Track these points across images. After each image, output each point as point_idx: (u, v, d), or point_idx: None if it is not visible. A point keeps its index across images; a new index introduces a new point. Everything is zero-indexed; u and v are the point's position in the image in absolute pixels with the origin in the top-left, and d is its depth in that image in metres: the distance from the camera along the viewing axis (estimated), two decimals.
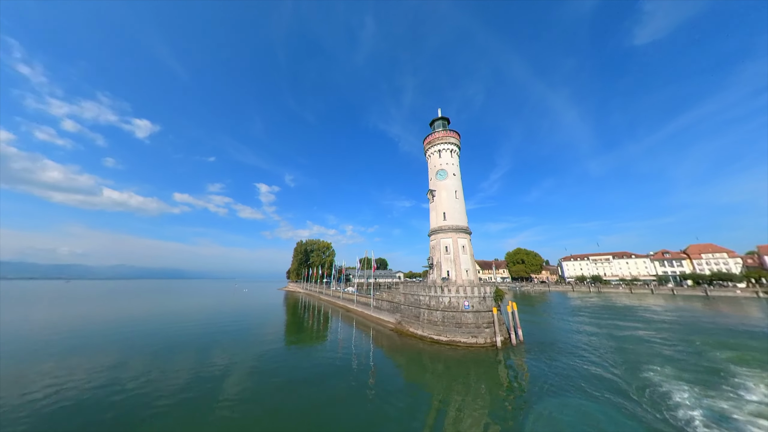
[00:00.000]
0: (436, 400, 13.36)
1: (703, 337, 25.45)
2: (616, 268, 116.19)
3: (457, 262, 26.06)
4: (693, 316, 39.78)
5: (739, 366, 17.67)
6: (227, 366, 18.06)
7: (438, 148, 31.23)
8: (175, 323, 33.78)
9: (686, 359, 19.18)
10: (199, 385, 14.93)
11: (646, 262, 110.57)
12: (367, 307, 38.23)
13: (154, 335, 26.64)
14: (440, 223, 28.40)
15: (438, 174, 30.30)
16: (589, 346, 22.47)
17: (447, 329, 22.60)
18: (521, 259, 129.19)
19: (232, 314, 42.39)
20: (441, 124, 32.83)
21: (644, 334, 26.56)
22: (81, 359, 19.25)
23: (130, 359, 19.27)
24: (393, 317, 30.30)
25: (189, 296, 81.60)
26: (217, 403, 12.95)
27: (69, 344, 23.08)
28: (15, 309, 46.81)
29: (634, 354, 20.24)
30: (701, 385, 14.65)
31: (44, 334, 27.08)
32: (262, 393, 14.05)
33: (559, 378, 15.69)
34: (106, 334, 27.26)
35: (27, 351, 21.03)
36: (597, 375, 16.17)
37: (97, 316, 39.73)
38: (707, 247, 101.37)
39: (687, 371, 16.83)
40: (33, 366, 17.76)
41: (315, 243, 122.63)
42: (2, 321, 33.97)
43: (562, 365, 17.80)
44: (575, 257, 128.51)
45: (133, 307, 51.66)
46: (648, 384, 14.81)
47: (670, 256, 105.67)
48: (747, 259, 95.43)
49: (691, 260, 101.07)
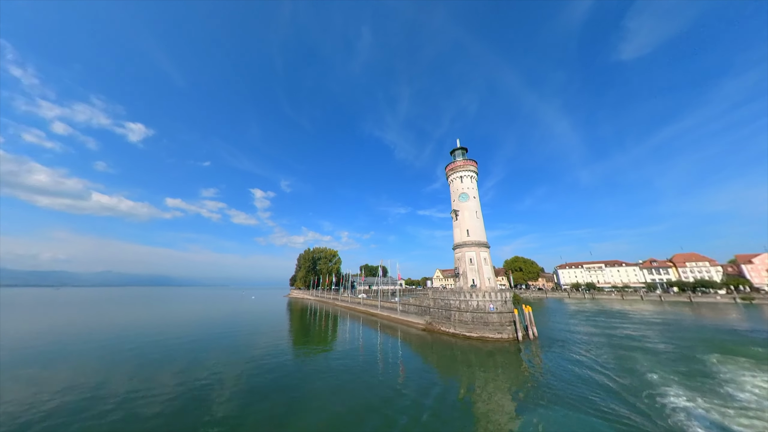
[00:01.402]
0: (475, 378, 18.23)
1: (685, 334, 31.10)
2: (608, 275, 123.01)
3: (481, 272, 31.35)
4: (677, 319, 45.64)
5: (713, 356, 23.13)
6: (309, 374, 18.83)
7: (459, 174, 36.89)
8: (205, 331, 33.78)
9: (669, 351, 24.62)
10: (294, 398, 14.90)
11: (635, 270, 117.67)
12: (392, 311, 43.00)
13: (181, 348, 25.05)
14: (464, 238, 33.77)
15: (460, 196, 35.84)
16: (590, 341, 27.78)
17: (476, 327, 27.70)
18: (519, 267, 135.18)
19: (266, 323, 42.27)
20: (461, 153, 38.56)
21: (635, 333, 32.04)
22: (67, 372, 18.71)
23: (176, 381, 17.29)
24: (422, 319, 35.22)
25: (195, 303, 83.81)
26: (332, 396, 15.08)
27: (49, 357, 22.10)
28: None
29: (626, 348, 25.57)
30: (680, 374, 19.99)
31: (23, 344, 25.88)
32: (345, 388, 16.24)
33: (568, 362, 20.86)
34: (111, 347, 25.56)
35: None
36: (597, 362, 21.40)
37: (89, 325, 37.78)
38: (691, 256, 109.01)
39: (667, 360, 22.24)
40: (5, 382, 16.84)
41: (322, 251, 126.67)
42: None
43: (569, 354, 23.02)
44: (570, 265, 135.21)
45: (148, 315, 49.98)
46: (636, 371, 20.04)
47: (658, 264, 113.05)
48: (727, 268, 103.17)
49: (676, 268, 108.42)
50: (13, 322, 40.72)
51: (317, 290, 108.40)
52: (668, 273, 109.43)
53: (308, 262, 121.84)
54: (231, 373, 18.70)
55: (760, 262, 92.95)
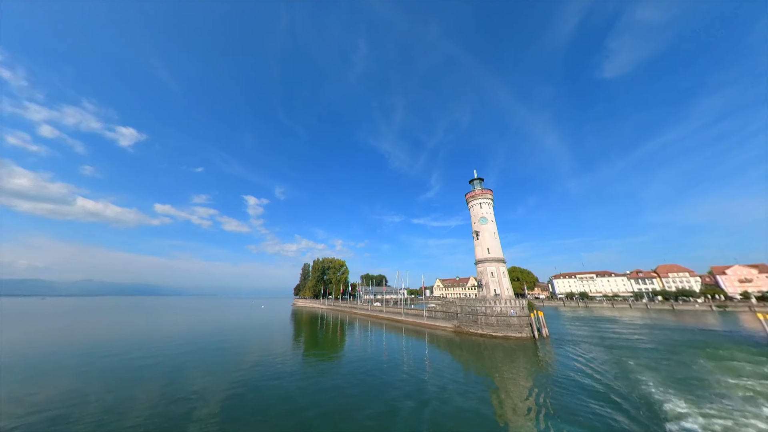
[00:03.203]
0: (503, 366, 24.97)
1: (668, 334, 38.51)
2: (599, 285, 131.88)
3: (501, 283, 38.36)
4: (658, 324, 53.37)
5: (691, 352, 30.42)
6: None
7: (479, 201, 44.36)
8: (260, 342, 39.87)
9: (653, 348, 31.84)
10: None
11: (624, 280, 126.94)
12: (419, 317, 49.35)
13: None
14: (485, 255, 40.87)
15: (480, 220, 43.16)
16: (590, 339, 34.81)
17: (500, 328, 34.48)
18: (516, 277, 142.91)
19: (301, 332, 45.55)
20: (479, 183, 46.19)
21: (626, 335, 39.32)
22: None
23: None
24: (449, 323, 41.74)
25: (204, 312, 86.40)
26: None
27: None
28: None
29: (618, 346, 32.71)
30: (665, 368, 27.17)
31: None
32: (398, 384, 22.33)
33: (575, 354, 27.76)
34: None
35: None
36: (597, 356, 28.38)
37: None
38: (673, 267, 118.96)
39: (651, 356, 29.41)
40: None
41: (330, 261, 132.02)
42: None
43: (574, 348, 29.94)
44: (564, 275, 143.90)
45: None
46: (624, 362, 27.12)
47: (643, 275, 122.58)
48: (705, 278, 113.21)
49: (660, 278, 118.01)
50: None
51: (328, 299, 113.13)
52: (653, 283, 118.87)
53: (318, 272, 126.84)
54: (327, 383, 19.16)
55: (732, 273, 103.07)
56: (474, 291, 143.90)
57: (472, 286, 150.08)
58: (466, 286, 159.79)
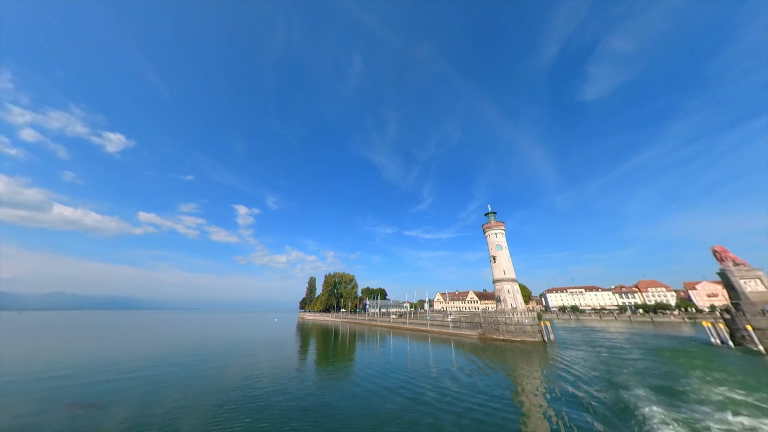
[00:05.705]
0: (519, 366, 34.66)
1: (647, 340, 49.16)
2: (588, 299, 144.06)
3: (516, 299, 48.52)
4: (639, 333, 64.39)
5: (669, 356, 40.97)
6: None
7: (494, 231, 55.14)
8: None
9: (634, 347, 42.30)
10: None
11: (609, 294, 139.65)
12: (444, 327, 58.49)
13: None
14: (502, 276, 51.16)
15: (496, 247, 53.76)
16: (586, 343, 44.99)
17: (518, 334, 44.28)
18: None
19: (335, 347, 54.77)
20: (493, 216, 57.15)
21: (614, 342, 49.75)
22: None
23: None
24: (474, 331, 51.17)
25: (214, 327, 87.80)
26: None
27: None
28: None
29: (609, 349, 42.99)
30: (648, 367, 37.57)
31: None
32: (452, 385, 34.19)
33: (576, 354, 37.80)
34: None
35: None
36: (593, 355, 38.51)
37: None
38: (652, 283, 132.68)
39: (635, 356, 39.82)
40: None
41: (341, 276, 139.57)
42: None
43: (576, 350, 40.00)
44: (556, 290, 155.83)
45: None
46: (616, 359, 37.33)
47: (626, 289, 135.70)
48: (680, 293, 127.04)
49: (641, 293, 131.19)
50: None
51: (341, 313, 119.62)
52: (635, 297, 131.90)
53: (330, 286, 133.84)
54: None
55: (701, 288, 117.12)
56: (474, 304, 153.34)
57: (472, 300, 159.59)
58: (465, 299, 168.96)
